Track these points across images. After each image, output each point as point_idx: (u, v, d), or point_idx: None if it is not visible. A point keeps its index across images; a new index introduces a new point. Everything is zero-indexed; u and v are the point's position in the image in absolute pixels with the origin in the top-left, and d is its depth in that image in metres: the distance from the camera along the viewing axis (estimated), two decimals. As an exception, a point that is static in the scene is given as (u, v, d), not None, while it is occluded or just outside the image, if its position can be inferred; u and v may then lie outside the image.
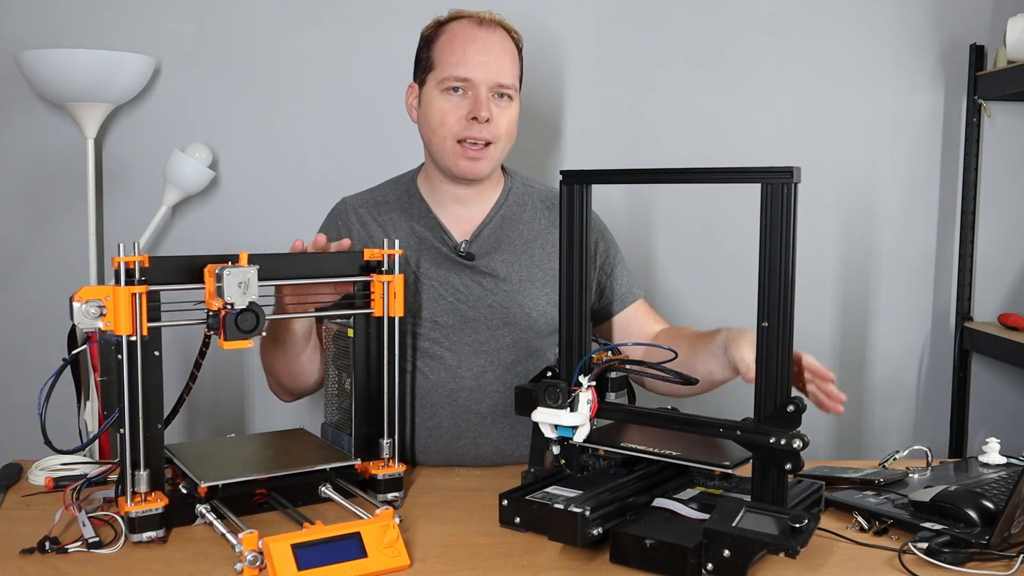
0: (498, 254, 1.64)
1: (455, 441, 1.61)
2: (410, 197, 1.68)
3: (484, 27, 1.60)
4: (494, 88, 1.58)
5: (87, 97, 2.05)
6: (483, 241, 1.64)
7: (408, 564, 1.14)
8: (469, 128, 1.57)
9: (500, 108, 1.59)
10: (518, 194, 1.71)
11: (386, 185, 1.74)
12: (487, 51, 1.58)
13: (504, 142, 1.62)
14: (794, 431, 1.15)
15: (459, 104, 1.58)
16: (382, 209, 1.68)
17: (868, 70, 2.39)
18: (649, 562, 1.11)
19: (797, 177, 1.15)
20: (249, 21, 2.24)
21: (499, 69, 1.58)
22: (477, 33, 1.59)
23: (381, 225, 1.66)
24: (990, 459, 1.53)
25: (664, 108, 2.35)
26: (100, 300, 1.16)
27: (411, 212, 1.66)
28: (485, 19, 1.61)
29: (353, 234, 1.66)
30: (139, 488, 1.19)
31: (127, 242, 1.17)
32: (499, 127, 1.59)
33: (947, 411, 2.49)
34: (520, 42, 1.66)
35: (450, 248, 1.63)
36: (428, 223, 1.65)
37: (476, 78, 1.57)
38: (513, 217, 1.68)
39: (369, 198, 1.71)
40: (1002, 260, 2.47)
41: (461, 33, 1.60)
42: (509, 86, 1.60)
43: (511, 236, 1.66)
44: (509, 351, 1.63)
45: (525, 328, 1.63)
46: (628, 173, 1.40)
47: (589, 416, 1.27)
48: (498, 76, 1.58)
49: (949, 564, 1.13)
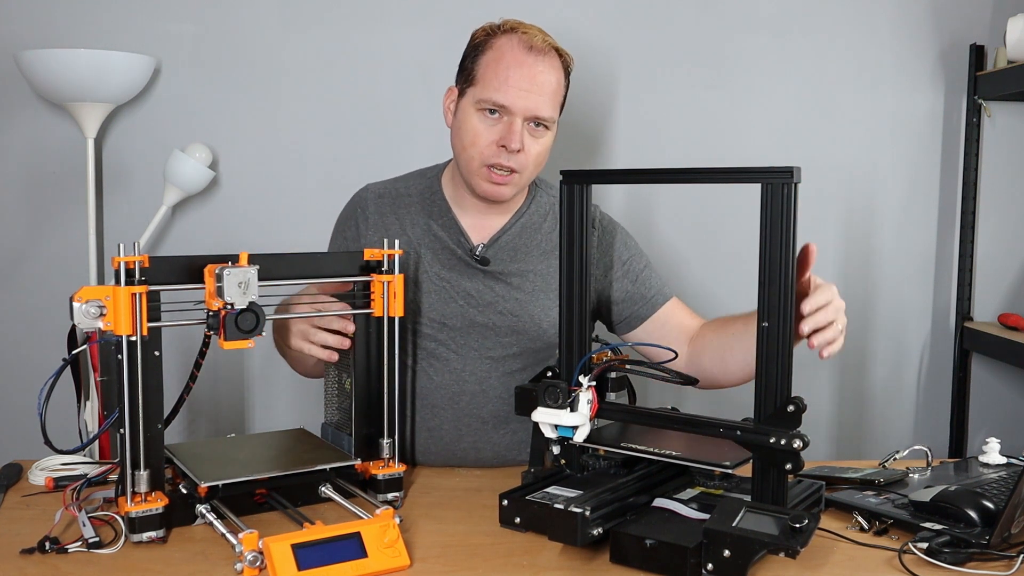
0: (514, 263, 1.62)
1: (455, 444, 1.61)
2: (432, 194, 1.65)
3: (533, 53, 1.52)
4: (530, 119, 1.53)
5: (87, 97, 2.05)
6: (500, 248, 1.62)
7: (408, 564, 1.14)
8: (498, 155, 1.53)
9: (533, 138, 1.55)
10: (541, 203, 1.68)
11: (411, 177, 1.71)
12: (531, 80, 1.51)
13: (532, 170, 1.58)
14: (794, 431, 1.15)
15: (492, 128, 1.53)
16: (402, 202, 1.66)
17: (868, 70, 2.39)
18: (649, 562, 1.11)
19: (797, 177, 1.15)
20: (249, 21, 2.24)
21: (539, 101, 1.52)
22: (525, 59, 1.52)
23: (399, 219, 1.64)
24: (990, 459, 1.53)
25: (664, 108, 2.35)
26: (100, 300, 1.15)
27: (431, 210, 1.64)
28: (536, 44, 1.53)
29: (370, 224, 1.64)
30: (139, 488, 1.19)
31: (127, 242, 1.17)
32: (528, 157, 1.54)
33: (947, 411, 2.49)
34: (570, 66, 1.60)
35: (465, 251, 1.61)
36: (446, 223, 1.62)
37: (514, 107, 1.51)
38: (533, 227, 1.65)
39: (391, 189, 1.68)
40: (1002, 260, 2.47)
41: (508, 55, 1.53)
42: (547, 118, 1.54)
43: (529, 246, 1.64)
44: (515, 359, 1.62)
45: (534, 338, 1.62)
46: (628, 173, 1.40)
47: (589, 416, 1.27)
48: (537, 109, 1.52)
49: (949, 564, 1.13)
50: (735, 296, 2.31)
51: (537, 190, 1.70)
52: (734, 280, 2.33)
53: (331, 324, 1.39)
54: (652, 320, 1.69)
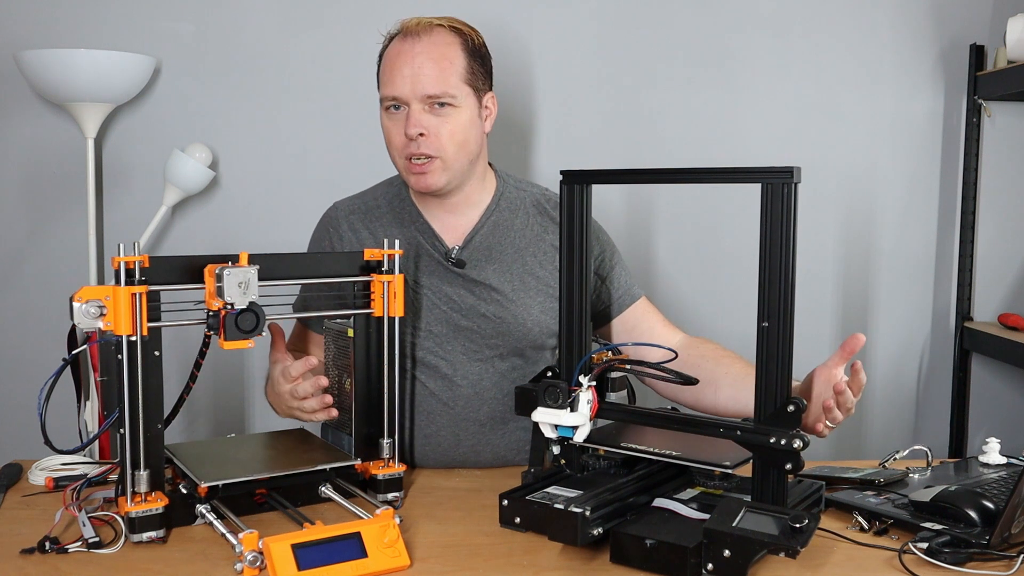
0: (489, 264, 1.61)
1: (454, 449, 1.60)
2: (401, 202, 1.65)
3: (409, 39, 1.53)
4: (424, 100, 1.51)
5: (87, 97, 2.05)
6: (474, 249, 1.61)
7: (408, 564, 1.14)
8: (408, 146, 1.53)
9: (440, 118, 1.52)
10: (510, 199, 1.66)
11: (377, 188, 1.70)
12: (411, 63, 1.51)
13: (453, 151, 1.54)
14: (794, 431, 1.15)
15: (398, 123, 1.54)
16: (373, 215, 1.65)
17: (868, 70, 2.39)
18: (649, 562, 1.11)
19: (797, 177, 1.15)
20: (249, 21, 2.24)
21: (424, 80, 1.50)
22: (402, 47, 1.53)
23: (372, 233, 1.63)
24: (990, 459, 1.53)
25: (664, 108, 2.35)
26: (100, 300, 1.16)
27: (402, 218, 1.63)
28: (411, 29, 1.54)
29: (344, 242, 1.64)
30: (139, 488, 1.19)
31: (127, 242, 1.17)
32: (440, 139, 1.52)
33: (947, 411, 2.49)
34: (473, 39, 1.57)
35: (441, 255, 1.60)
36: (420, 227, 1.62)
37: (402, 94, 1.51)
38: (505, 224, 1.64)
39: (360, 204, 1.68)
40: (1002, 260, 2.47)
41: (391, 50, 1.55)
42: (440, 94, 1.51)
43: (503, 244, 1.63)
44: (505, 359, 1.61)
45: (520, 337, 1.61)
46: (628, 173, 1.40)
47: (589, 416, 1.27)
48: (422, 88, 1.50)
49: (949, 564, 1.13)
50: (735, 296, 2.31)
51: (504, 184, 1.68)
52: (734, 280, 2.33)
53: (305, 394, 1.42)
54: (619, 321, 1.68)
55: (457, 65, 1.54)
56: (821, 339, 2.42)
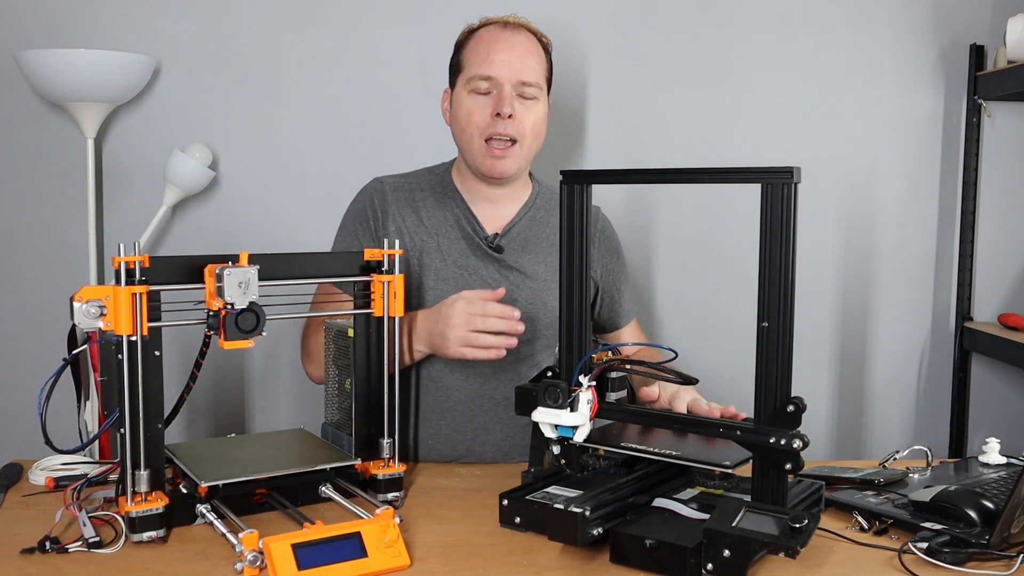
0: (526, 252, 1.71)
1: (467, 424, 1.65)
2: (444, 187, 1.73)
3: (508, 29, 1.66)
4: (517, 86, 1.63)
5: (87, 97, 2.05)
6: (513, 237, 1.71)
7: (408, 564, 1.14)
8: (494, 125, 1.62)
9: (525, 107, 1.64)
10: (545, 198, 1.77)
11: (420, 173, 1.78)
12: (511, 50, 1.63)
13: (530, 140, 1.66)
14: (794, 431, 1.15)
15: (485, 103, 1.64)
16: (416, 196, 1.72)
17: (868, 70, 2.39)
18: (649, 562, 1.11)
19: (797, 177, 1.15)
20: (249, 21, 2.24)
21: (522, 67, 1.63)
22: (501, 35, 1.65)
23: (415, 210, 1.70)
24: (990, 459, 1.53)
25: (664, 108, 2.35)
26: (100, 300, 1.16)
27: (445, 201, 1.71)
28: (510, 22, 1.68)
29: (388, 215, 1.69)
30: (139, 488, 1.19)
31: (127, 242, 1.17)
32: (524, 124, 1.64)
33: (947, 411, 2.49)
34: (548, 45, 1.72)
35: (481, 239, 1.68)
36: (463, 211, 1.70)
37: (500, 76, 1.62)
38: (541, 220, 1.74)
39: (403, 183, 1.75)
40: (1002, 260, 2.47)
41: (487, 36, 1.66)
42: (533, 83, 1.64)
43: (538, 237, 1.73)
44: (528, 345, 1.67)
45: (547, 325, 1.69)
46: (628, 173, 1.40)
47: (589, 416, 1.27)
48: (520, 74, 1.63)
49: (949, 564, 1.13)
50: (735, 297, 2.31)
51: (540, 186, 1.78)
52: (734, 281, 2.33)
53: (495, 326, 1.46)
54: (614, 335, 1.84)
55: (543, 64, 1.70)
56: (821, 339, 2.42)
